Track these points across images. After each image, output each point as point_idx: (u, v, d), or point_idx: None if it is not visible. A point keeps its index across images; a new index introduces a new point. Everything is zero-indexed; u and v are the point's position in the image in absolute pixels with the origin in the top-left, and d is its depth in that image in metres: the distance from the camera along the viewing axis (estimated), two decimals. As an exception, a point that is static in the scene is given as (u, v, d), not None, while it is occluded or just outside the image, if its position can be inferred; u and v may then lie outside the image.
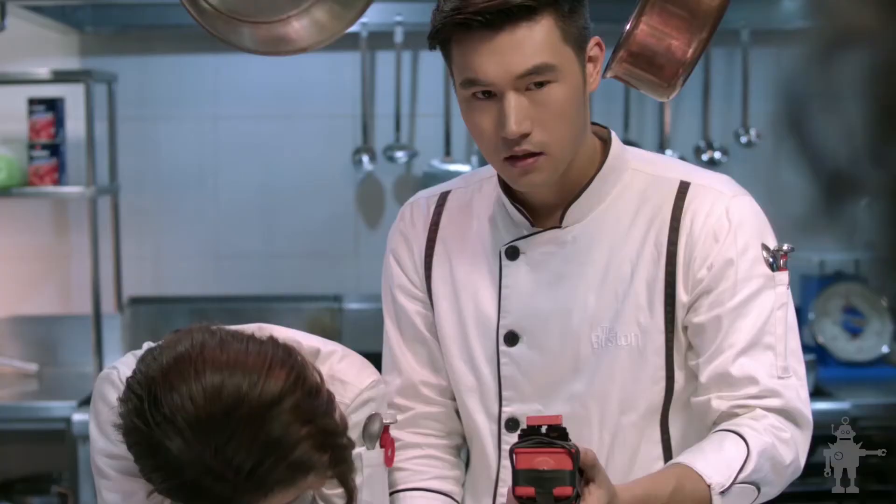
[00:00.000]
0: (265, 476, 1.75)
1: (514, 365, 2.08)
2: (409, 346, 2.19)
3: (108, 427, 2.01)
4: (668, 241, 2.02)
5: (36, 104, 4.31)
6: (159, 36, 4.58)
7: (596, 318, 2.03)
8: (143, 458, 1.82)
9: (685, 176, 2.07)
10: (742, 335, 1.98)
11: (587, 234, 2.05)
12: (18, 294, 4.60)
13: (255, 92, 4.59)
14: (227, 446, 1.72)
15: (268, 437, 1.74)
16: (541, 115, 1.91)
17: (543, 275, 2.06)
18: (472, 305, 2.11)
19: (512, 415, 2.09)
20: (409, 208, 2.23)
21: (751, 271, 2.00)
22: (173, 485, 1.80)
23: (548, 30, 1.89)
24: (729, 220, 2.01)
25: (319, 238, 4.56)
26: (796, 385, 2.00)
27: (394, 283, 2.20)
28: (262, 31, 2.20)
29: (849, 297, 4.48)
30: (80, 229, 4.49)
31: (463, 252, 2.13)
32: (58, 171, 4.30)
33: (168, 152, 4.61)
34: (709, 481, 1.88)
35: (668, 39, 1.83)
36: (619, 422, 2.05)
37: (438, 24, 1.93)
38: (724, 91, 4.61)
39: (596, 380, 2.03)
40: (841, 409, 3.97)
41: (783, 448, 1.96)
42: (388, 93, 4.56)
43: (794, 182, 2.31)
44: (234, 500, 1.76)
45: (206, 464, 1.73)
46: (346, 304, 4.55)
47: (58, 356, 4.56)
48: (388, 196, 4.63)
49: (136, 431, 1.80)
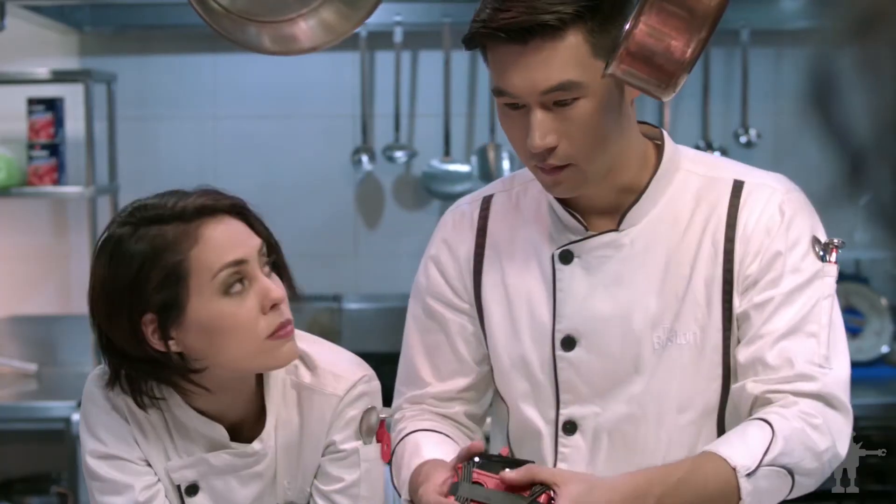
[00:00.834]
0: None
1: (572, 369, 2.05)
2: (430, 359, 2.17)
3: (98, 428, 2.02)
4: (724, 239, 2.01)
5: (35, 104, 4.30)
6: (159, 36, 4.58)
7: (657, 319, 2.01)
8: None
9: (738, 175, 2.07)
10: (784, 322, 1.97)
11: (644, 236, 2.04)
12: (18, 294, 4.60)
13: (254, 92, 4.59)
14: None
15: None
16: (567, 129, 1.90)
17: (600, 278, 2.04)
18: (526, 311, 2.08)
19: (570, 417, 2.07)
20: (452, 216, 2.19)
21: (801, 263, 2.00)
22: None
23: (575, 46, 1.87)
24: (782, 214, 2.01)
25: (319, 238, 4.56)
26: (837, 373, 1.97)
27: (431, 291, 2.16)
28: (270, 31, 2.20)
29: (848, 297, 4.48)
30: (79, 229, 4.49)
31: (513, 257, 2.11)
32: (57, 171, 4.30)
33: (167, 152, 4.61)
34: (733, 463, 1.84)
35: (667, 39, 1.83)
36: (677, 421, 2.03)
37: (470, 33, 1.93)
38: (724, 91, 4.61)
39: (655, 380, 2.02)
40: (840, 409, 3.97)
41: (815, 434, 1.91)
42: (387, 93, 4.56)
43: (794, 181, 2.29)
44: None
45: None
46: (346, 304, 4.55)
47: (57, 356, 4.56)
48: (387, 196, 4.63)
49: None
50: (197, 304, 1.90)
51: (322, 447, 2.04)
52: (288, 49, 2.24)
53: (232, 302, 1.91)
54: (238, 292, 1.91)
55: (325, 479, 2.04)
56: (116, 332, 1.93)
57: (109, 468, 2.01)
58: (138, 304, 1.90)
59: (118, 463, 2.01)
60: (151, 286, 1.89)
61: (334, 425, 2.02)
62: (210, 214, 1.93)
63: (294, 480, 2.05)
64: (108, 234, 1.96)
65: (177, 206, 1.92)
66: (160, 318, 1.90)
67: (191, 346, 1.93)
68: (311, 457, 2.04)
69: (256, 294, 1.93)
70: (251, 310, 1.92)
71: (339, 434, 2.03)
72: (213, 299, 1.90)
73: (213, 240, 1.91)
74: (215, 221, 1.92)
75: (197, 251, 1.89)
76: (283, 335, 1.94)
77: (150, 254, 1.89)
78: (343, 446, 2.03)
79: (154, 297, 1.89)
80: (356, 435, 2.02)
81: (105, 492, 2.01)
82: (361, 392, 2.03)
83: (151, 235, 1.90)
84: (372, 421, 2.03)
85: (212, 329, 1.91)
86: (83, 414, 2.04)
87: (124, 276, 1.90)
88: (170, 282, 1.89)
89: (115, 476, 2.00)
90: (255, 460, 2.02)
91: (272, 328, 1.93)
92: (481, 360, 2.15)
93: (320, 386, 2.03)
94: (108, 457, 2.01)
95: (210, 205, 1.93)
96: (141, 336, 1.92)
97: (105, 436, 2.01)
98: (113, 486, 2.01)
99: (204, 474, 2.03)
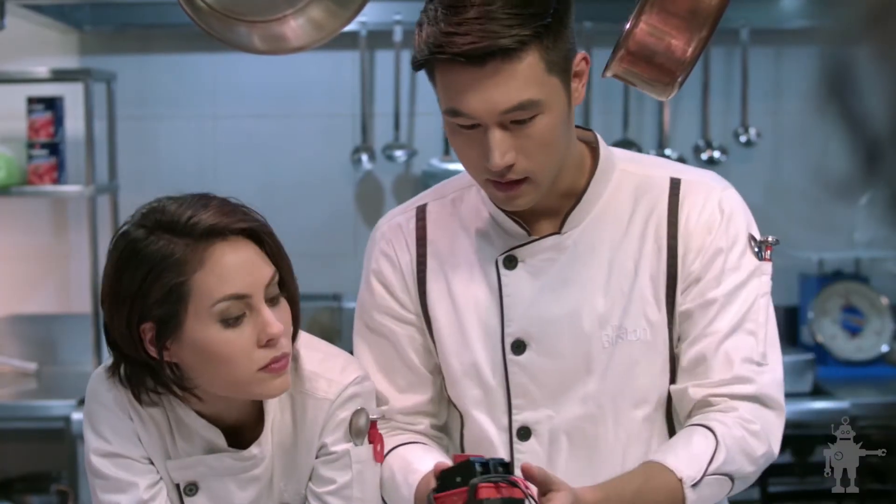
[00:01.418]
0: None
1: (524, 373, 2.06)
2: (386, 375, 2.16)
3: (103, 426, 2.02)
4: (667, 236, 2.04)
5: (35, 103, 4.30)
6: (158, 35, 4.58)
7: (605, 318, 2.04)
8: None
9: (674, 173, 2.10)
10: (727, 321, 2.02)
11: (587, 237, 2.06)
12: (18, 293, 4.60)
13: (254, 91, 4.59)
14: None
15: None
16: (525, 145, 1.91)
17: (546, 281, 2.05)
18: (475, 317, 2.09)
19: (523, 423, 2.08)
20: (387, 227, 2.19)
21: (739, 261, 2.04)
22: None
23: (532, 65, 1.87)
24: (721, 211, 2.05)
25: (318, 237, 4.55)
26: (772, 371, 2.04)
27: (377, 306, 2.16)
28: (259, 30, 2.20)
29: (848, 296, 4.48)
30: (79, 228, 4.49)
31: (457, 265, 2.11)
32: (57, 170, 4.30)
33: (167, 151, 4.61)
34: (680, 475, 1.91)
35: (667, 38, 1.83)
36: (632, 417, 2.06)
37: (421, 57, 1.91)
38: (724, 90, 4.61)
39: (608, 378, 2.04)
40: (840, 408, 3.97)
41: (753, 440, 1.99)
42: (387, 92, 4.56)
43: (793, 181, 2.30)
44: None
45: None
46: (346, 302, 4.55)
47: (57, 355, 4.56)
48: (387, 195, 4.63)
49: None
50: (194, 325, 1.89)
51: (315, 450, 2.04)
52: (277, 48, 2.24)
53: (228, 331, 1.90)
54: (237, 321, 1.90)
55: (318, 481, 2.04)
56: (116, 330, 1.94)
57: (114, 466, 2.01)
58: (139, 312, 1.90)
59: (122, 461, 2.01)
60: (152, 299, 1.88)
61: (326, 428, 2.02)
62: (222, 237, 1.90)
63: (290, 483, 2.05)
64: (125, 230, 1.95)
65: (191, 221, 1.89)
66: (158, 329, 1.90)
67: (184, 361, 1.93)
68: (306, 459, 2.04)
69: (255, 326, 1.91)
70: (247, 341, 1.91)
71: (330, 436, 2.03)
72: (209, 325, 1.89)
73: (219, 267, 1.89)
74: (226, 245, 1.90)
75: (200, 275, 1.88)
76: (275, 369, 1.93)
77: (155, 268, 1.88)
78: (334, 448, 2.03)
79: (154, 310, 1.89)
80: (346, 437, 2.02)
81: (108, 490, 2.01)
82: (352, 394, 2.03)
83: (160, 247, 1.89)
84: (361, 423, 2.03)
85: (205, 353, 1.91)
86: (87, 412, 2.04)
87: (129, 282, 1.90)
88: (170, 299, 1.88)
89: (119, 474, 2.01)
90: (253, 464, 2.03)
91: (266, 361, 1.92)
92: (434, 370, 2.15)
93: (313, 390, 2.03)
94: (113, 455, 2.01)
95: (224, 225, 1.90)
96: (139, 340, 1.92)
97: (109, 434, 2.01)
98: (117, 485, 2.01)
99: (203, 475, 2.03)
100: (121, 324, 1.92)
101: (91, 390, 2.04)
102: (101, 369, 2.05)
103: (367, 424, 2.03)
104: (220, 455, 2.02)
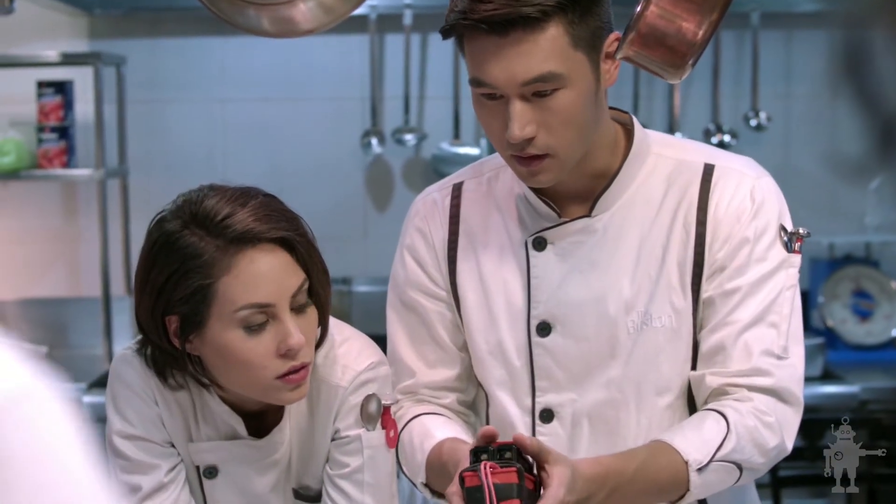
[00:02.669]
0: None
1: (548, 355, 2.06)
2: (416, 348, 2.17)
3: (126, 408, 2.02)
4: (696, 222, 2.03)
5: (45, 87, 4.30)
6: (168, 18, 4.58)
7: (631, 303, 2.03)
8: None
9: (709, 158, 2.08)
10: (748, 312, 2.00)
11: (617, 220, 2.05)
12: (28, 277, 4.60)
13: (263, 75, 4.59)
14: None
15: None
16: (547, 119, 1.91)
17: (574, 263, 2.05)
18: (502, 297, 2.09)
19: (546, 405, 2.08)
20: (422, 204, 2.18)
21: (767, 252, 2.02)
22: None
23: (555, 37, 1.87)
24: (752, 200, 2.03)
25: (328, 221, 4.55)
26: (792, 365, 2.02)
27: (409, 281, 2.16)
28: (269, 13, 2.19)
29: (858, 281, 4.48)
30: (89, 212, 4.49)
31: (487, 244, 2.11)
32: (67, 153, 4.30)
33: (177, 135, 4.61)
34: (686, 457, 1.90)
35: (678, 21, 1.82)
36: (656, 404, 2.05)
37: (449, 24, 1.92)
38: (734, 74, 4.60)
39: (632, 364, 2.03)
40: (850, 392, 3.98)
41: (766, 432, 1.97)
42: (396, 75, 4.55)
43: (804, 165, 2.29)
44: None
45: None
46: (355, 286, 4.55)
47: (67, 339, 4.56)
48: (396, 179, 4.63)
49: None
50: (216, 327, 1.89)
51: (330, 434, 2.05)
52: (287, 31, 2.24)
53: (249, 337, 1.89)
54: (259, 328, 1.90)
55: (332, 465, 2.05)
56: (143, 316, 1.95)
57: (136, 449, 2.01)
58: (164, 305, 1.91)
59: (145, 444, 2.02)
60: (178, 296, 1.89)
61: (339, 413, 2.03)
62: (252, 244, 1.89)
63: (307, 466, 2.07)
64: (162, 217, 1.95)
65: (225, 221, 1.88)
66: (182, 324, 1.91)
67: (206, 357, 1.94)
68: (322, 443, 2.05)
69: (275, 335, 1.90)
70: (267, 348, 1.90)
71: (343, 421, 2.03)
72: (231, 329, 1.89)
73: (246, 274, 1.88)
74: (256, 252, 1.89)
75: (226, 280, 1.87)
76: (293, 380, 1.92)
77: (183, 265, 1.88)
78: (346, 433, 2.03)
79: (179, 305, 1.89)
80: (358, 422, 2.03)
81: (130, 471, 2.02)
82: (365, 379, 2.03)
83: (191, 244, 1.88)
84: (372, 408, 2.03)
85: (225, 355, 1.91)
86: (110, 393, 2.04)
87: (157, 275, 1.90)
88: (195, 300, 1.88)
89: (140, 457, 2.01)
90: (272, 450, 2.03)
91: (284, 370, 1.91)
92: (463, 347, 2.15)
93: (327, 376, 2.03)
94: (136, 438, 2.02)
95: (255, 233, 1.89)
96: (163, 330, 1.93)
97: (133, 417, 2.02)
98: (138, 466, 2.01)
99: (223, 460, 2.04)
100: (147, 311, 1.93)
101: (115, 371, 2.04)
102: (126, 351, 2.05)
103: (378, 410, 2.03)
104: (239, 442, 2.03)
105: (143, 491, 2.01)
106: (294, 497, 2.09)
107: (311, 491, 2.09)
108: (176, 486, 2.03)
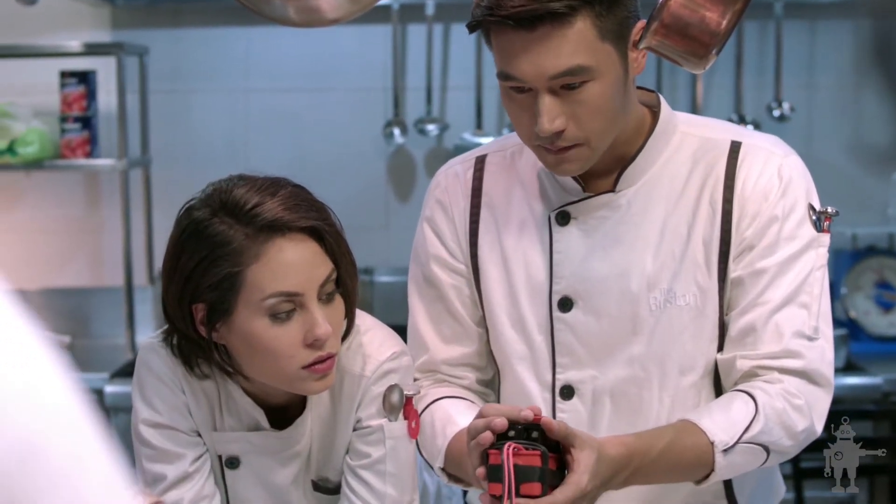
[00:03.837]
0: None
1: (569, 331, 2.06)
2: (434, 323, 2.17)
3: (153, 396, 2.03)
4: (723, 200, 2.02)
5: (68, 77, 4.32)
6: (191, 9, 4.58)
7: (654, 280, 2.02)
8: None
9: (736, 136, 2.07)
10: (779, 292, 1.99)
11: (641, 196, 2.04)
12: (50, 266, 4.62)
13: (286, 65, 4.59)
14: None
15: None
16: (576, 111, 1.91)
17: (597, 239, 2.05)
18: (523, 272, 2.08)
19: (567, 382, 2.07)
20: (444, 175, 2.19)
21: (796, 230, 2.01)
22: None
23: (583, 31, 1.87)
24: (780, 178, 2.02)
25: (350, 211, 4.53)
26: (822, 347, 2.00)
27: (429, 253, 2.16)
28: (294, 2, 2.19)
29: (881, 272, 4.46)
30: (111, 202, 4.51)
31: (510, 218, 2.11)
32: (89, 143, 4.31)
33: (199, 125, 4.62)
34: (712, 438, 1.89)
35: (701, 11, 1.82)
36: (679, 383, 2.04)
37: (475, 20, 1.92)
38: (757, 64, 4.58)
39: (655, 341, 2.03)
40: (873, 383, 3.96)
41: (795, 415, 1.96)
42: (419, 65, 4.55)
43: (827, 155, 2.29)
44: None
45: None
46: (377, 277, 4.55)
47: (90, 328, 4.58)
48: (419, 169, 4.63)
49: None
50: (243, 315, 1.90)
51: (352, 424, 2.05)
52: (313, 20, 2.23)
53: (276, 326, 1.90)
54: (286, 317, 1.90)
55: (353, 455, 2.05)
56: (170, 304, 1.95)
57: (162, 437, 2.02)
58: (192, 292, 1.91)
59: (171, 433, 2.02)
60: (206, 283, 1.89)
61: (361, 403, 2.03)
62: (282, 233, 1.89)
63: (328, 457, 2.06)
64: (191, 205, 1.95)
65: (254, 210, 1.89)
66: (209, 312, 1.91)
67: (232, 346, 1.94)
68: (343, 434, 2.05)
69: (302, 324, 1.91)
70: (294, 338, 1.90)
71: (365, 411, 2.03)
72: (258, 317, 1.89)
73: (274, 262, 1.88)
74: (285, 241, 1.89)
75: (255, 268, 1.88)
76: (319, 370, 1.93)
77: (212, 253, 1.88)
78: (368, 423, 2.03)
79: (206, 293, 1.90)
80: (380, 412, 2.02)
81: (155, 459, 2.02)
82: (387, 370, 2.03)
83: (220, 232, 1.89)
84: (394, 399, 2.03)
85: (252, 343, 1.91)
86: (137, 382, 2.05)
87: (186, 262, 1.91)
88: (222, 286, 1.88)
89: (167, 445, 2.02)
90: (294, 441, 2.04)
91: (310, 360, 1.92)
92: (479, 323, 2.15)
93: (350, 366, 2.03)
94: (162, 426, 2.02)
95: (285, 222, 1.89)
96: (190, 319, 1.93)
97: (160, 405, 2.02)
98: (164, 455, 2.02)
99: (245, 451, 2.04)
100: (174, 299, 1.94)
101: (142, 360, 2.05)
102: (153, 339, 2.05)
103: (401, 400, 2.03)
104: (261, 433, 2.03)
105: (168, 480, 2.01)
106: (313, 489, 2.09)
107: (330, 483, 2.09)
108: (201, 476, 2.03)
